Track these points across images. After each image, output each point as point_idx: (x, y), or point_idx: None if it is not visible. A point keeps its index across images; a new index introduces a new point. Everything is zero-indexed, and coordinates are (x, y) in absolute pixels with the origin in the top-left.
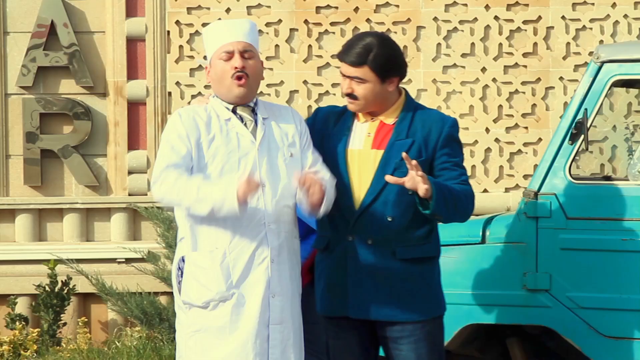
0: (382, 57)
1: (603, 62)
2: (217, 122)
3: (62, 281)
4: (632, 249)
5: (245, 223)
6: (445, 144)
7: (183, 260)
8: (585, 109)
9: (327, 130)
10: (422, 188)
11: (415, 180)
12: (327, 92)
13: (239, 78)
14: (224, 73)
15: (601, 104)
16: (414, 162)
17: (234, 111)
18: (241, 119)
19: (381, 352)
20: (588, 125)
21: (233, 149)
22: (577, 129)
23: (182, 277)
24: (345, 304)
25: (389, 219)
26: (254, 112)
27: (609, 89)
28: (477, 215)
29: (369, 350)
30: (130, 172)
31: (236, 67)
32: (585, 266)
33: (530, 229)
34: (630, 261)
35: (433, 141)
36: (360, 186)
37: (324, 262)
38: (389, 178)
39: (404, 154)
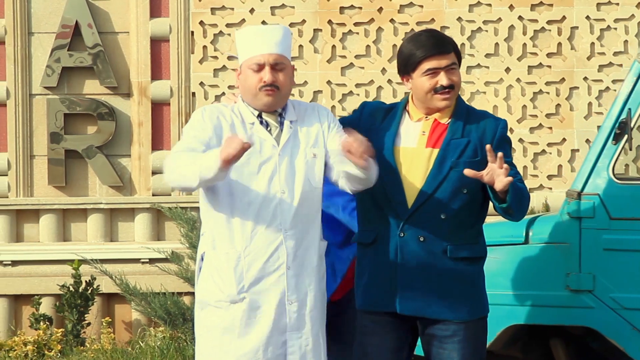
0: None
1: None
2: (240, 125)
3: (86, 281)
4: None
5: (262, 228)
6: (499, 144)
7: (202, 259)
8: (629, 109)
9: (374, 126)
10: (504, 181)
11: (496, 173)
12: (350, 93)
13: (267, 91)
14: (253, 84)
15: None
16: (499, 154)
17: (259, 116)
18: (266, 124)
19: (418, 351)
20: (632, 125)
21: (254, 154)
22: (621, 129)
23: (200, 272)
24: (393, 299)
25: (443, 217)
26: (280, 116)
27: None
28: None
29: (402, 352)
30: (154, 173)
31: (265, 82)
32: (629, 267)
33: (574, 229)
34: None
35: (488, 142)
36: (413, 183)
37: (368, 257)
38: (468, 172)
39: (488, 147)
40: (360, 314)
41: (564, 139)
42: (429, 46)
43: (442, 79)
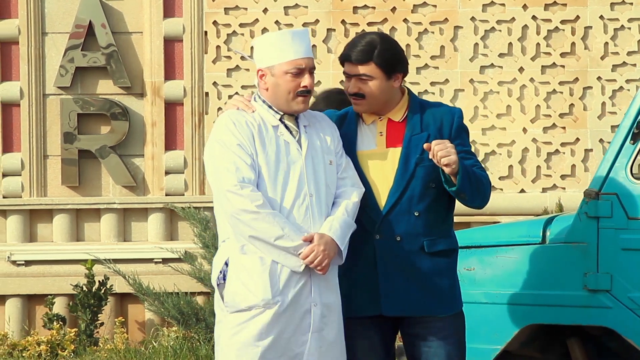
0: (387, 52)
1: None
2: (265, 129)
3: (99, 281)
4: None
5: None
6: (457, 134)
7: (227, 264)
8: None
9: None
10: (452, 160)
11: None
12: None
13: (304, 97)
14: (291, 88)
15: None
16: (433, 142)
17: (281, 119)
18: (286, 127)
19: None
20: None
21: (282, 157)
22: (639, 129)
23: (224, 279)
24: (377, 302)
25: (416, 214)
26: (296, 120)
27: None
28: (514, 215)
29: (390, 348)
30: (167, 173)
31: (306, 86)
32: None
33: (591, 229)
34: None
35: (446, 133)
36: (381, 185)
37: (345, 264)
38: (426, 145)
39: (425, 145)
40: (345, 320)
41: (578, 139)
42: (348, 50)
43: (351, 86)
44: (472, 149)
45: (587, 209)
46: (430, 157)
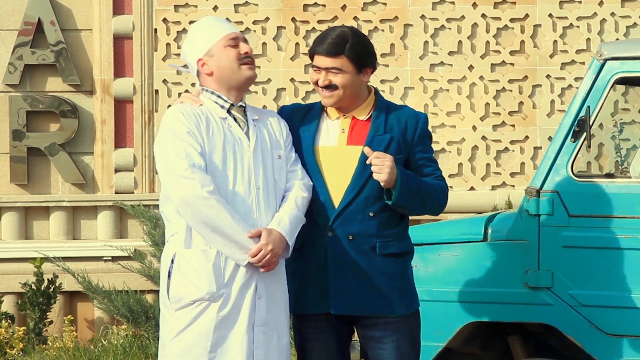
0: (358, 46)
1: (606, 60)
2: (214, 121)
3: (48, 279)
4: (634, 246)
5: None
6: (420, 140)
7: (172, 261)
8: (588, 107)
9: (294, 127)
10: (381, 178)
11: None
12: (313, 90)
13: (250, 64)
14: (233, 58)
15: (604, 101)
16: (374, 154)
17: (228, 111)
18: (234, 119)
19: None
20: (590, 122)
21: (229, 149)
22: (580, 127)
23: (169, 276)
24: (327, 300)
25: (371, 215)
26: (244, 113)
27: (612, 86)
28: (463, 213)
29: (346, 349)
30: (117, 170)
31: (246, 52)
32: (587, 264)
33: (532, 226)
34: (632, 259)
35: (409, 137)
36: (338, 182)
37: (297, 260)
38: (367, 150)
39: (365, 149)
40: (296, 318)
41: (527, 137)
42: (319, 43)
43: (321, 79)
44: None
45: (528, 206)
46: (368, 162)
